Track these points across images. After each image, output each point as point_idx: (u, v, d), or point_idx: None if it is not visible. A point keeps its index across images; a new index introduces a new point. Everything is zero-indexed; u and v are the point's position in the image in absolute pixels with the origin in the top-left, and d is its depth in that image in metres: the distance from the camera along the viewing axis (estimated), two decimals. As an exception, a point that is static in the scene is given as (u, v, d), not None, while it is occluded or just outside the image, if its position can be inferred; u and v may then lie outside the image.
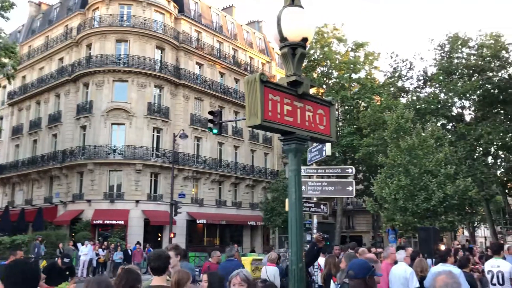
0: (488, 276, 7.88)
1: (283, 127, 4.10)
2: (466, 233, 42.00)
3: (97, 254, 23.60)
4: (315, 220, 11.08)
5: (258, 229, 40.48)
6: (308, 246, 7.67)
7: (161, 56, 35.04)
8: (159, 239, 31.97)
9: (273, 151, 44.60)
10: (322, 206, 11.29)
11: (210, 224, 36.01)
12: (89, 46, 34.28)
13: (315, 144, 11.47)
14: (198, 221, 34.57)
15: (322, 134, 4.56)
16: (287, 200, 10.10)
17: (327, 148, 10.89)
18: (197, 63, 37.90)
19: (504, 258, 9.93)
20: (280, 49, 4.16)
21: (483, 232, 56.78)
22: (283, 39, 4.06)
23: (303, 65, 38.10)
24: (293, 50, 4.12)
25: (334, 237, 36.95)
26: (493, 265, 7.85)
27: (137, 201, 31.19)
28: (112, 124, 32.45)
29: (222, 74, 40.40)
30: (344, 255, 6.01)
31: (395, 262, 7.98)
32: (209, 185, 37.10)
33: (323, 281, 7.42)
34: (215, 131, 18.47)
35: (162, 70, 34.37)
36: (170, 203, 27.54)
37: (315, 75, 37.93)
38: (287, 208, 9.89)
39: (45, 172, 35.35)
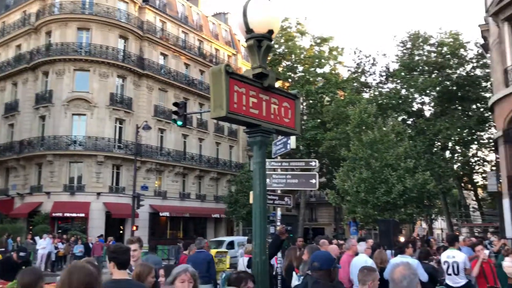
0: (444, 267, 8.16)
1: (248, 120, 4.09)
2: (424, 225, 43.36)
3: (56, 248, 22.97)
4: (278, 212, 11.15)
5: (222, 222, 40.47)
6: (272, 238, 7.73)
7: (125, 45, 34.27)
8: (121, 232, 31.44)
9: (238, 144, 44.58)
10: (286, 199, 11.35)
11: (173, 217, 35.69)
12: (48, 34, 33.11)
13: (279, 137, 11.51)
14: (161, 214, 34.21)
15: (287, 127, 4.57)
16: (251, 192, 10.10)
17: (292, 141, 10.93)
18: (161, 53, 37.31)
19: (459, 249, 10.32)
20: (246, 40, 4.14)
21: (440, 224, 58.78)
22: (249, 30, 4.03)
23: (268, 59, 38.40)
24: (259, 42, 4.10)
25: (297, 229, 37.40)
26: (449, 256, 8.14)
27: (99, 194, 30.55)
28: (73, 114, 31.55)
29: (187, 66, 39.94)
30: (307, 247, 6.08)
31: (356, 254, 8.14)
32: (173, 177, 36.74)
33: (285, 273, 7.49)
34: (179, 123, 18.25)
35: (125, 60, 33.64)
36: (133, 195, 27.09)
37: (280, 69, 38.08)
38: (251, 201, 9.88)
39: (0, 163, 34.04)
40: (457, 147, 33.72)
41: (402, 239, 11.19)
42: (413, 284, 2.90)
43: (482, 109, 31.16)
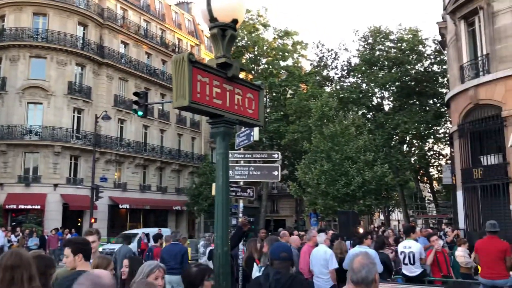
0: (401, 257, 8.41)
1: (211, 110, 4.03)
2: (382, 216, 44.56)
3: (9, 241, 22.15)
4: (241, 204, 11.14)
5: (183, 214, 40.17)
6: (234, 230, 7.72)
7: (84, 33, 33.20)
8: (79, 224, 30.65)
9: (200, 136, 44.25)
10: (248, 191, 11.36)
11: (133, 209, 35.10)
12: (2, 18, 31.64)
13: (243, 129, 11.49)
14: (121, 206, 33.57)
15: (251, 118, 4.55)
16: (214, 184, 10.03)
17: (255, 133, 10.93)
18: (122, 42, 36.40)
19: (415, 239, 10.66)
20: (210, 29, 4.07)
21: (397, 216, 60.61)
22: (213, 19, 3.97)
23: (232, 50, 38.26)
24: (223, 32, 4.04)
25: (259, 220, 37.66)
26: (405, 246, 8.39)
27: (55, 185, 29.62)
28: (28, 103, 30.36)
29: (148, 55, 39.18)
30: (267, 239, 6.11)
31: (316, 245, 8.26)
32: (133, 169, 36.09)
33: (245, 265, 7.51)
34: (140, 113, 17.89)
35: (85, 48, 32.62)
36: (91, 187, 26.44)
37: (243, 61, 38.02)
38: (213, 193, 9.82)
39: (-51, 153, 32.41)
40: (415, 141, 34.78)
41: (361, 230, 11.42)
42: (372, 273, 2.95)
43: (438, 104, 32.21)
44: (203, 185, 34.76)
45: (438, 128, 33.81)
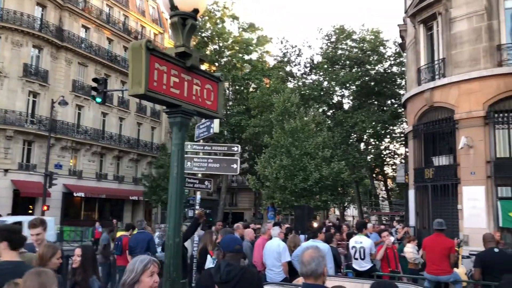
0: (352, 252, 8.62)
1: (168, 99, 3.99)
2: (337, 212, 45.52)
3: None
4: (198, 196, 11.10)
5: (140, 205, 39.59)
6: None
7: (42, 14, 31.96)
8: (30, 211, 29.64)
9: (161, 125, 43.64)
10: (206, 183, 11.33)
11: (88, 197, 34.28)
12: (-47, -7, 30.01)
13: (203, 121, 11.43)
14: (75, 194, 32.71)
15: (209, 109, 4.52)
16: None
17: (215, 125, 10.90)
18: (83, 26, 35.30)
19: (367, 235, 10.95)
20: (170, 17, 4.02)
21: (351, 212, 62.04)
22: (173, 7, 3.92)
23: (196, 41, 37.82)
24: (184, 21, 3.99)
25: (217, 213, 37.63)
26: (357, 241, 8.61)
27: (6, 170, 28.50)
28: (-21, 83, 29.02)
29: (110, 41, 38.19)
30: (221, 231, 6.12)
31: (271, 238, 8.35)
32: (90, 157, 35.20)
33: (199, 256, 7.51)
34: (98, 99, 17.45)
35: (43, 30, 31.40)
36: (45, 174, 25.59)
37: (207, 53, 37.74)
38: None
39: None
40: (371, 140, 35.65)
41: (315, 224, 11.64)
42: (321, 266, 3.02)
43: (396, 105, 33.13)
44: (161, 177, 34.33)
45: (395, 128, 34.84)
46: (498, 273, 5.96)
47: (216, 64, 38.39)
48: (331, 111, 36.02)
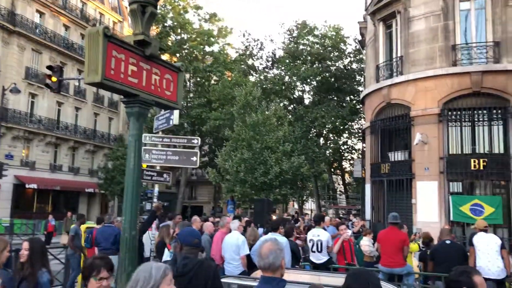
0: (310, 244, 8.72)
1: (126, 88, 3.86)
2: (296, 205, 46.06)
3: None
4: (156, 189, 10.94)
5: (96, 197, 38.62)
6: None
7: (-7, -4, 30.47)
8: (-23, 204, 28.37)
9: (118, 116, 42.62)
10: (165, 175, 11.19)
11: (42, 189, 33.07)
12: None
13: (162, 112, 11.25)
14: (27, 186, 31.47)
15: (168, 100, 4.42)
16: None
17: (175, 117, 10.76)
18: (37, 11, 33.87)
19: (325, 228, 11.11)
20: (129, 4, 3.89)
21: (310, 205, 62.98)
22: (133, -7, 3.80)
23: (157, 30, 37.11)
24: (143, 8, 3.88)
25: (175, 206, 37.26)
26: (314, 234, 8.72)
27: (-48, 161, 27.09)
28: None
29: (66, 27, 36.87)
30: (179, 224, 6.05)
31: (230, 231, 8.32)
32: (43, 147, 33.95)
33: (156, 250, 7.40)
34: (53, 88, 16.81)
35: (-7, 13, 29.97)
36: (-6, 164, 24.50)
37: (169, 43, 37.16)
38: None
39: None
40: (331, 135, 36.21)
41: (274, 217, 11.71)
42: (279, 259, 3.01)
43: (354, 101, 33.76)
44: (116, 169, 33.58)
45: (353, 123, 35.50)
46: (449, 264, 6.18)
47: (178, 55, 37.84)
48: (292, 106, 36.29)
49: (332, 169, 42.41)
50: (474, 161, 14.50)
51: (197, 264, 3.34)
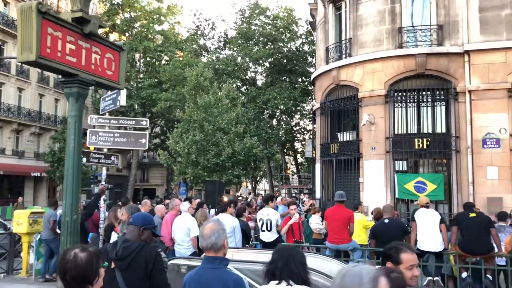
0: (259, 224, 8.86)
1: (63, 67, 3.73)
2: (250, 186, 46.45)
3: None
4: (104, 171, 10.68)
5: (43, 181, 37.26)
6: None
7: None
8: None
9: (65, 97, 41.00)
10: (113, 158, 10.93)
11: (-17, 174, 31.59)
12: None
13: (109, 93, 10.93)
14: (-33, 171, 29.97)
15: (110, 80, 4.32)
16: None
17: (122, 98, 10.49)
18: (-27, -16, 31.80)
19: (276, 207, 11.30)
20: (66, -21, 3.73)
21: (264, 186, 63.70)
22: (68, -33, 3.64)
23: (105, 8, 35.74)
24: (81, -17, 3.74)
25: (127, 189, 36.63)
26: (264, 214, 8.85)
27: None
28: None
29: (6, 3, 34.82)
30: (126, 207, 5.96)
31: (180, 213, 8.30)
32: (-16, 130, 32.28)
33: (104, 233, 7.29)
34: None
35: None
36: None
37: (118, 22, 35.95)
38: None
39: None
40: (283, 116, 36.55)
41: (225, 199, 11.77)
42: (221, 239, 3.04)
43: (306, 83, 34.13)
44: (64, 151, 32.43)
45: (305, 105, 35.94)
46: (389, 241, 6.46)
47: (127, 34, 36.71)
48: (245, 87, 36.23)
49: (285, 150, 42.95)
50: (418, 141, 15.10)
51: (138, 247, 3.31)
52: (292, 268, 2.80)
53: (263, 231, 8.69)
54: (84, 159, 9.85)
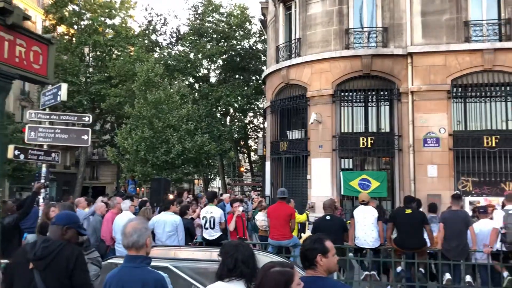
0: (203, 221, 8.84)
1: (-18, 60, 3.57)
2: (202, 184, 46.19)
3: None
4: (43, 169, 10.29)
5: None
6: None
7: None
8: None
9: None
10: (53, 155, 10.54)
11: None
12: None
13: (49, 87, 10.54)
14: None
15: (37, 74, 4.17)
16: (11, 146, 9.02)
17: (63, 93, 10.11)
18: None
19: (224, 205, 11.29)
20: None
21: (217, 183, 63.54)
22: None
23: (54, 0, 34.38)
24: (2, -28, 3.58)
25: (75, 187, 35.49)
26: (207, 211, 8.85)
27: None
28: None
29: None
30: (58, 204, 5.79)
31: (121, 211, 8.15)
32: None
33: (37, 231, 7.05)
34: None
35: None
36: None
37: (66, 14, 34.67)
38: (10, 155, 8.83)
39: None
40: (237, 114, 36.58)
41: (170, 196, 11.65)
42: (143, 237, 3.02)
43: (260, 81, 34.30)
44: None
45: (258, 103, 36.13)
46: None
47: (76, 27, 35.47)
48: (197, 84, 35.95)
49: (239, 148, 42.99)
50: (363, 139, 15.56)
51: (59, 247, 3.22)
52: (239, 263, 2.72)
53: (206, 228, 8.68)
54: (22, 156, 9.47)
